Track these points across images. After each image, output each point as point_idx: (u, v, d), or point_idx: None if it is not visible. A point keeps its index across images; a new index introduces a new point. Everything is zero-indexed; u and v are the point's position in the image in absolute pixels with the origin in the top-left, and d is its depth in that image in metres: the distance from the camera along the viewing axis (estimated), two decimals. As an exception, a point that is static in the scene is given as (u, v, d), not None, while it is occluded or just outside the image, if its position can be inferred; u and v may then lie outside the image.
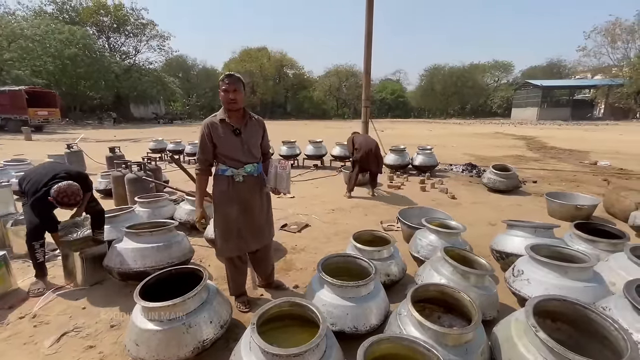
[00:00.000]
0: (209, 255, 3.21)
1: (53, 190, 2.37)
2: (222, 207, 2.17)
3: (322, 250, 3.36)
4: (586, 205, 4.18)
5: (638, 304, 1.64)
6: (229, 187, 2.14)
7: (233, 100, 2.05)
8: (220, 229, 2.20)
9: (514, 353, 1.58)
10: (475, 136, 18.20)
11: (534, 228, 2.83)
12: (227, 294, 2.49)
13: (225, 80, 2.04)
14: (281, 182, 2.24)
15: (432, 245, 2.80)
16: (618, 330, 1.50)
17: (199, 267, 2.05)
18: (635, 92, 35.47)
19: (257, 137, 2.23)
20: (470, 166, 7.76)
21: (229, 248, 2.23)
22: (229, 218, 2.18)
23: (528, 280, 2.25)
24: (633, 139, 15.87)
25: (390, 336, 1.48)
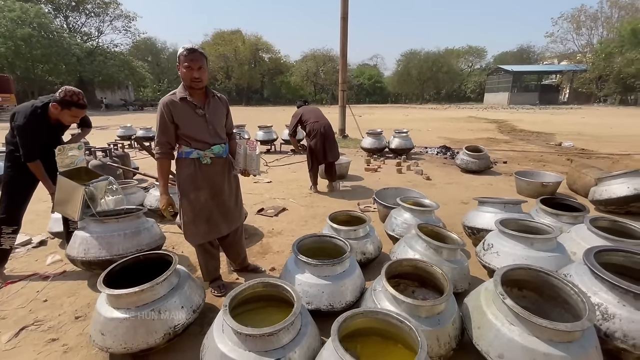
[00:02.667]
0: (183, 242, 3.11)
1: (60, 92, 2.29)
2: (189, 192, 2.05)
3: (299, 233, 3.33)
4: (551, 183, 4.38)
5: (595, 268, 1.74)
6: (195, 171, 2.02)
7: (197, 79, 1.90)
8: (189, 215, 2.09)
9: (482, 320, 1.64)
10: (450, 120, 18.61)
11: (503, 204, 2.93)
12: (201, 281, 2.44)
13: (187, 55, 1.85)
14: (251, 162, 2.16)
15: (406, 223, 2.84)
16: (577, 294, 1.59)
17: (168, 252, 1.96)
18: (596, 78, 37.41)
19: (221, 117, 2.12)
20: (444, 148, 7.93)
21: (199, 234, 2.15)
22: (197, 203, 2.07)
23: (497, 252, 2.34)
24: (594, 121, 16.79)
25: (364, 310, 1.48)
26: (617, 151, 8.15)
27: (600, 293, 1.71)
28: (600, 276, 1.71)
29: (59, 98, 2.27)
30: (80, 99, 2.34)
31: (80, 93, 2.36)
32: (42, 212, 3.83)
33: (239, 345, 1.39)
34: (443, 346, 1.59)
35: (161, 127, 1.96)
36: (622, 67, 34.36)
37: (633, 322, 1.57)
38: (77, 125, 2.70)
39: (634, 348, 1.56)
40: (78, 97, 2.33)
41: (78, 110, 2.36)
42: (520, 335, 1.48)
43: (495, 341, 1.54)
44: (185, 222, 2.13)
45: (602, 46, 38.03)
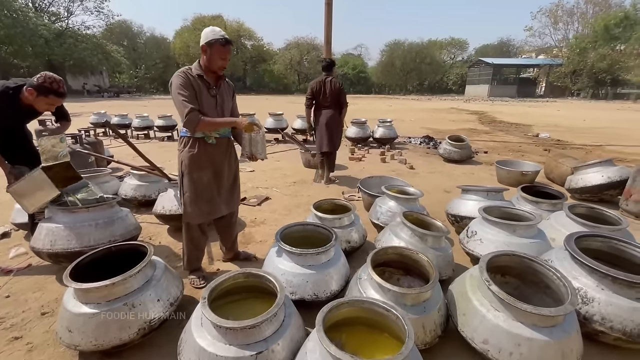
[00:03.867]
0: (160, 232, 2.98)
1: (38, 77, 2.16)
2: (193, 172, 2.02)
3: (282, 222, 3.26)
4: (530, 172, 4.48)
5: (576, 253, 1.76)
6: (200, 150, 2.01)
7: (225, 68, 2.01)
8: (191, 194, 2.06)
9: (467, 307, 1.63)
10: (432, 111, 18.82)
11: (486, 192, 2.95)
12: (179, 271, 2.33)
13: (225, 46, 1.92)
14: (256, 146, 2.08)
15: (391, 211, 2.82)
16: (560, 279, 1.60)
17: (143, 243, 1.85)
18: (571, 72, 38.73)
19: (229, 101, 2.16)
20: (427, 138, 8.00)
21: (201, 214, 2.10)
22: (200, 182, 2.05)
23: (480, 240, 2.35)
24: (568, 114, 17.41)
25: (349, 300, 1.44)
26: (590, 142, 8.47)
27: (580, 278, 1.74)
28: (580, 261, 1.73)
29: (36, 83, 2.14)
30: (61, 87, 2.24)
31: (61, 81, 2.26)
32: (5, 202, 3.57)
33: (218, 339, 1.32)
34: (429, 334, 1.58)
35: (190, 95, 1.89)
36: (594, 62, 35.71)
37: (611, 305, 1.60)
38: (53, 115, 2.54)
39: (611, 330, 1.60)
40: (58, 85, 2.22)
41: (56, 98, 2.26)
42: (505, 320, 1.48)
43: (480, 327, 1.54)
44: (186, 201, 2.08)
45: (577, 41, 39.31)
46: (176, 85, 1.88)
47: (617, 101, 32.51)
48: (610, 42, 36.67)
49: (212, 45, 1.89)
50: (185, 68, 1.97)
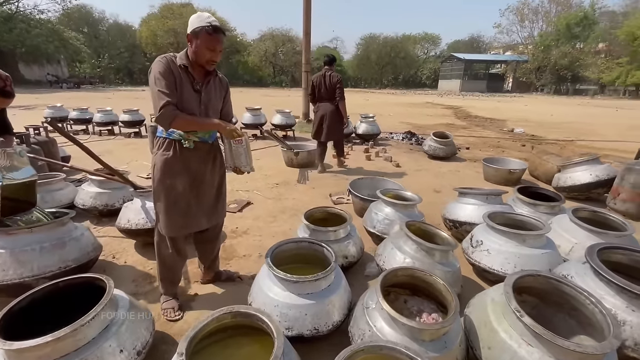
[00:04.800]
0: (126, 249, 2.57)
1: None
2: (165, 178, 1.70)
3: (267, 231, 2.95)
4: (517, 170, 4.43)
5: (602, 270, 1.60)
6: (175, 154, 1.69)
7: (215, 62, 1.66)
8: (164, 203, 1.74)
9: (494, 340, 1.42)
10: (409, 106, 18.93)
11: (486, 195, 2.79)
12: (151, 297, 1.98)
13: (214, 35, 1.57)
14: (239, 158, 1.80)
15: (388, 219, 2.59)
16: (594, 304, 1.42)
17: (99, 276, 1.48)
18: (535, 68, 40.54)
19: (218, 100, 1.82)
20: (409, 134, 7.89)
21: (173, 226, 1.77)
22: (173, 190, 1.73)
23: (488, 250, 2.17)
24: (536, 109, 18.11)
25: (365, 346, 1.18)
26: (562, 137, 8.73)
27: (607, 297, 1.58)
28: (607, 278, 1.57)
29: None
30: (7, 86, 1.79)
31: (8, 78, 1.81)
32: None
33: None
34: (452, 374, 1.36)
35: (168, 84, 1.56)
36: (557, 59, 37.56)
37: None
38: None
39: (645, 357, 1.46)
40: (4, 83, 1.76)
41: (1, 99, 1.80)
42: (541, 357, 1.28)
43: (510, 364, 1.33)
44: (160, 210, 1.77)
45: (541, 39, 41.18)
46: (154, 72, 1.56)
47: (577, 97, 34.47)
48: (571, 40, 38.71)
49: (197, 34, 1.56)
50: (170, 54, 1.64)
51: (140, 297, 1.99)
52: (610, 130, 10.14)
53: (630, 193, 3.36)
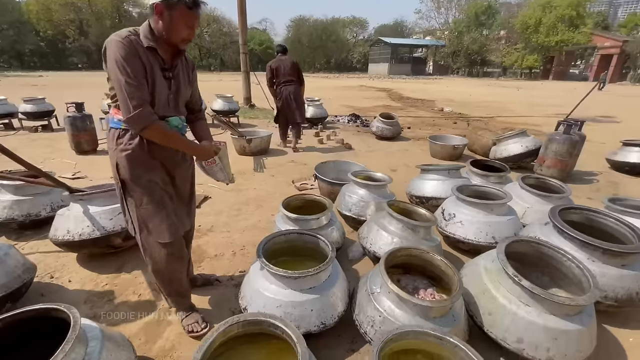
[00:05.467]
0: (66, 265, 2.13)
1: None
2: (141, 175, 1.40)
3: (235, 226, 2.73)
4: (460, 145, 4.81)
5: (565, 228, 1.80)
6: (141, 146, 1.38)
7: (189, 41, 1.39)
8: (151, 205, 1.43)
9: (493, 305, 1.50)
10: (344, 89, 19.28)
11: (447, 170, 2.95)
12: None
13: (194, 10, 1.30)
14: (215, 175, 1.63)
15: (363, 200, 2.57)
16: (571, 260, 1.59)
17: (57, 306, 1.17)
18: (451, 52, 44.56)
19: (186, 86, 1.52)
20: (354, 116, 8.03)
21: (174, 226, 1.49)
22: (157, 187, 1.44)
23: (461, 222, 2.30)
24: (456, 90, 19.96)
25: (393, 335, 1.13)
26: (484, 115, 9.77)
27: (571, 252, 1.76)
28: (570, 235, 1.77)
29: None
30: None
31: None
32: None
33: None
34: (465, 345, 1.40)
35: (136, 73, 1.25)
36: (468, 44, 41.75)
37: (604, 277, 1.67)
38: None
39: (605, 299, 1.68)
40: None
41: None
42: (539, 315, 1.39)
43: (512, 326, 1.42)
44: (144, 216, 1.44)
45: (455, 25, 45.18)
46: (115, 57, 1.23)
47: (485, 78, 38.96)
48: (479, 27, 43.24)
49: (173, 7, 1.27)
50: (129, 32, 1.29)
51: (102, 320, 1.66)
52: (518, 107, 11.67)
53: (553, 160, 3.89)
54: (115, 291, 1.90)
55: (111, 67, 1.24)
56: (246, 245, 2.44)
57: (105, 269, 2.09)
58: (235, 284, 2.00)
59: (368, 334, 1.47)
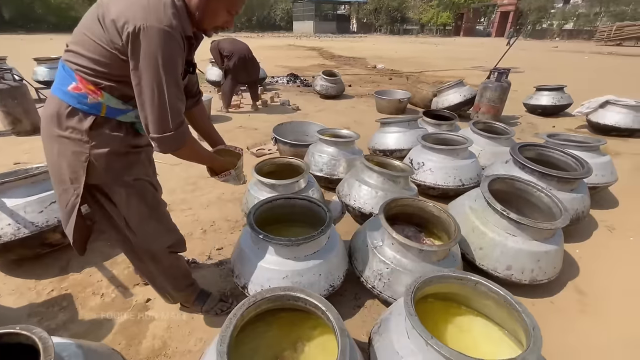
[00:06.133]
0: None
1: None
2: (127, 173, 1.08)
3: (195, 202, 2.44)
4: (405, 99, 4.96)
5: (526, 162, 1.97)
6: (129, 137, 1.07)
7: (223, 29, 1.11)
8: (142, 209, 1.14)
9: (483, 241, 1.60)
10: (273, 49, 18.25)
11: (407, 121, 3.00)
12: (79, 326, 1.38)
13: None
14: (227, 181, 1.39)
15: (334, 159, 2.49)
16: (540, 191, 1.75)
17: (8, 329, 0.88)
18: (373, 10, 44.90)
19: None
20: (293, 76, 7.68)
21: (169, 230, 1.26)
22: (150, 193, 1.18)
23: (430, 170, 2.38)
24: (381, 47, 20.40)
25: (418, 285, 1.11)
26: (413, 70, 10.21)
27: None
28: (531, 169, 1.95)
29: None
30: None
31: None
32: None
33: None
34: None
35: (180, 80, 0.97)
36: (389, 1, 42.40)
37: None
38: None
39: (560, 220, 1.93)
40: None
41: None
42: (524, 243, 1.52)
43: (502, 256, 1.55)
44: (137, 223, 1.14)
45: (375, -19, 45.15)
46: (163, 54, 0.89)
47: (406, 36, 40.46)
48: (398, -16, 43.94)
49: None
50: (173, 13, 0.90)
51: (61, 334, 1.36)
52: (441, 62, 12.43)
53: (487, 106, 4.25)
54: (67, 296, 1.56)
55: (149, 65, 0.88)
56: (216, 220, 2.21)
57: (44, 272, 1.69)
58: (216, 264, 1.81)
59: (377, 287, 1.46)
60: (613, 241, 2.10)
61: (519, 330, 1.06)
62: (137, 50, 0.87)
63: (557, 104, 4.89)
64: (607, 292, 1.68)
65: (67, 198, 1.03)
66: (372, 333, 1.19)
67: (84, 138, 0.97)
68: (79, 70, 0.94)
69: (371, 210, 1.95)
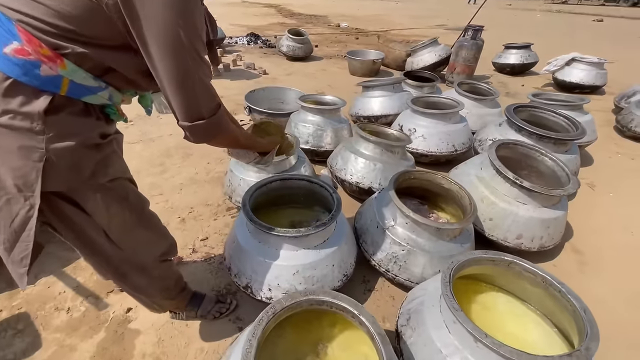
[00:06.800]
0: None
1: None
2: (114, 172, 0.83)
3: (166, 185, 2.12)
4: (379, 59, 4.71)
5: (522, 124, 1.91)
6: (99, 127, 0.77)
7: None
8: (144, 216, 0.96)
9: (494, 211, 1.53)
10: (226, 5, 16.54)
11: (392, 84, 2.80)
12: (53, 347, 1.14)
13: None
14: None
15: (321, 128, 2.26)
16: (544, 155, 1.70)
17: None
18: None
19: None
20: (254, 36, 7.00)
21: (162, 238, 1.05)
22: (133, 191, 0.93)
23: (423, 136, 2.25)
24: (342, 4, 19.38)
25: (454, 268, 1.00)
26: (379, 28, 9.83)
27: (528, 146, 1.94)
28: (529, 131, 1.89)
29: None
30: None
31: None
32: None
33: None
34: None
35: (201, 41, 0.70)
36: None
37: (556, 163, 1.89)
38: None
39: (555, 182, 1.93)
40: None
41: None
42: (534, 210, 1.47)
43: (513, 225, 1.49)
44: (122, 233, 0.89)
45: None
46: (193, 22, 0.65)
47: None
48: None
49: None
50: None
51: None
52: (404, 20, 12.11)
53: (462, 66, 4.16)
54: (22, 316, 1.27)
55: (181, 37, 0.64)
56: (194, 206, 1.94)
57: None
58: (203, 258, 1.58)
59: (391, 271, 1.35)
60: (596, 198, 2.17)
61: (558, 310, 1.00)
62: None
63: (525, 62, 4.94)
64: (601, 250, 1.73)
65: (14, 211, 0.71)
66: (399, 325, 1.08)
67: (37, 127, 0.65)
68: (27, 24, 0.60)
69: (370, 185, 1.80)
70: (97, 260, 0.91)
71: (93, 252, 0.88)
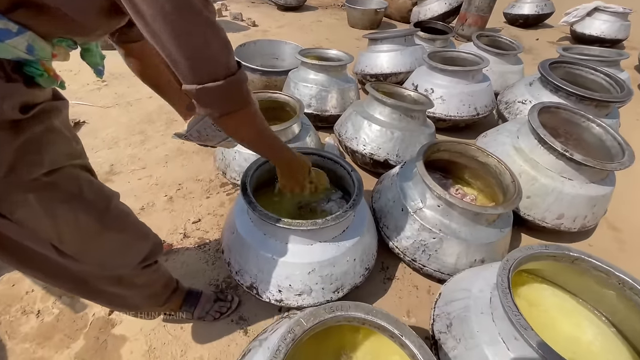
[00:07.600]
0: None
1: None
2: (52, 160, 0.54)
3: (150, 159, 1.84)
4: (382, 9, 4.22)
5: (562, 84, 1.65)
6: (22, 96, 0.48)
7: None
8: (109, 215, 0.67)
9: (533, 187, 1.33)
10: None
11: (403, 36, 2.44)
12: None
13: None
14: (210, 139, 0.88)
15: (325, 89, 1.96)
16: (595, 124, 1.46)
17: None
18: None
19: None
20: (239, -18, 6.24)
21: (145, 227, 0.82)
22: (87, 179, 0.63)
23: (441, 97, 1.98)
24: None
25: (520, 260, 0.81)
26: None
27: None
28: (568, 91, 1.64)
29: None
30: None
31: None
32: None
33: None
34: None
35: None
36: None
37: (595, 129, 1.66)
38: None
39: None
40: None
41: None
42: (581, 187, 1.28)
43: (554, 204, 1.30)
44: (80, 242, 0.63)
45: None
46: None
47: None
48: None
49: None
50: None
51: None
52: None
53: (475, 17, 3.74)
54: (-18, 322, 1.07)
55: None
56: (182, 182, 1.68)
57: None
58: (197, 244, 1.37)
59: (419, 260, 1.16)
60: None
61: (630, 312, 0.83)
62: None
63: (540, 12, 4.51)
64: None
65: None
66: (436, 331, 0.91)
67: None
68: None
69: (386, 157, 1.57)
70: (52, 282, 0.68)
71: (43, 273, 0.65)
